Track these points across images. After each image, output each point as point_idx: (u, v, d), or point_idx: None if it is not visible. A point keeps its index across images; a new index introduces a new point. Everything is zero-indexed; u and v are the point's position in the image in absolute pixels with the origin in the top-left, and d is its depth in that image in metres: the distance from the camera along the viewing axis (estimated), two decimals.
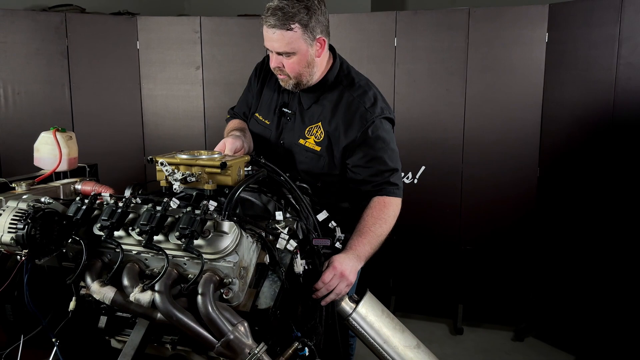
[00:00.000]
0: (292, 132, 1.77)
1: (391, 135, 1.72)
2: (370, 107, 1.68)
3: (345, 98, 1.70)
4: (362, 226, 1.65)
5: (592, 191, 2.79)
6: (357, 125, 1.66)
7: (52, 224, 1.20)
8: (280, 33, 1.57)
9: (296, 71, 1.65)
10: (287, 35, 1.57)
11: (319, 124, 1.71)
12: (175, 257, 1.21)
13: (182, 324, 1.16)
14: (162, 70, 3.34)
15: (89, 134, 3.12)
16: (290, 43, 1.58)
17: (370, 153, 1.67)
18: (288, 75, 1.66)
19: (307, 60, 1.64)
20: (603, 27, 2.68)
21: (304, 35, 1.58)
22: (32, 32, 3.09)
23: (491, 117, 3.07)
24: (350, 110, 1.68)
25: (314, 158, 1.72)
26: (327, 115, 1.70)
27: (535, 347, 3.06)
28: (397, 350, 1.54)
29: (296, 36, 1.57)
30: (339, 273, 1.49)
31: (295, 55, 1.61)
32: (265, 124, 1.83)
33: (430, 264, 3.30)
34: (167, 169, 1.34)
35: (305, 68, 1.65)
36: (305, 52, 1.61)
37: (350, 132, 1.66)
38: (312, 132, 1.72)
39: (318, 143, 1.71)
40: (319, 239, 1.42)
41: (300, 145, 1.74)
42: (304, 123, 1.74)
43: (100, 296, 1.20)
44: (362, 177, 1.69)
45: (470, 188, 3.15)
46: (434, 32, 3.07)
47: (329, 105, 1.71)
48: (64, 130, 1.80)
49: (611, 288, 2.74)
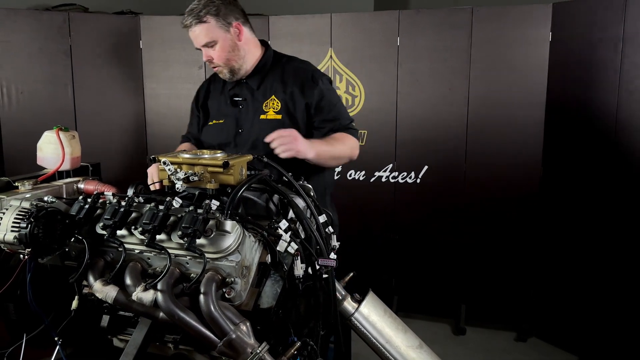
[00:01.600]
0: (248, 115, 1.91)
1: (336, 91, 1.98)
2: (314, 69, 1.95)
3: (290, 68, 1.93)
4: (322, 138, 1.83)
5: (596, 191, 2.79)
6: (311, 85, 1.87)
7: (55, 223, 1.20)
8: (197, 27, 1.80)
9: (224, 57, 1.85)
10: (202, 27, 1.80)
11: (273, 97, 1.89)
12: (178, 256, 1.21)
13: (184, 323, 1.16)
14: (165, 69, 3.34)
15: (91, 133, 3.13)
16: (208, 33, 1.81)
17: (330, 107, 1.88)
18: (220, 64, 1.86)
19: (230, 45, 1.84)
20: (607, 26, 2.67)
21: (217, 23, 1.81)
22: (35, 31, 3.10)
23: (494, 117, 3.06)
24: (299, 75, 1.90)
25: (278, 126, 1.82)
26: (278, 86, 1.89)
27: (538, 347, 3.05)
28: (399, 351, 1.53)
29: (211, 26, 1.81)
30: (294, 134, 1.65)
31: (217, 43, 1.83)
32: (220, 124, 1.96)
33: (433, 264, 3.29)
34: (169, 168, 1.34)
35: (230, 53, 1.85)
36: (224, 38, 1.83)
37: (307, 92, 1.87)
38: (269, 105, 1.89)
39: (277, 112, 1.87)
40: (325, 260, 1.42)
41: (262, 120, 1.88)
42: (259, 101, 1.91)
43: (103, 295, 1.20)
44: (329, 128, 1.87)
45: (473, 188, 3.14)
46: (436, 32, 3.07)
47: (277, 78, 1.91)
48: (67, 129, 1.80)
49: (614, 288, 2.73)
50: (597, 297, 2.81)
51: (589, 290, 2.85)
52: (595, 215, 2.79)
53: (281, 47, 3.28)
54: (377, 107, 3.20)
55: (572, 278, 2.94)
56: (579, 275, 2.90)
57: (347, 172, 3.30)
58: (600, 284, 2.79)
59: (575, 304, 2.93)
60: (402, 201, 3.26)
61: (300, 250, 1.34)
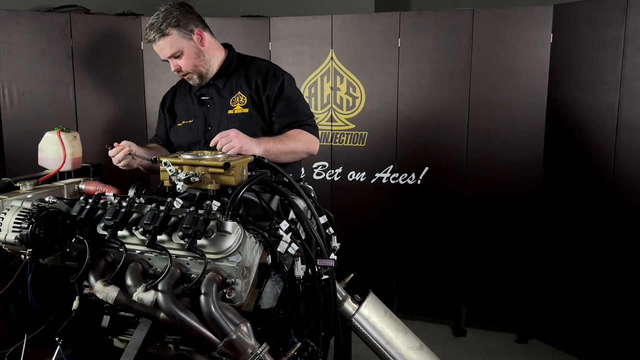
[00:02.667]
0: (216, 113, 1.97)
1: (297, 88, 2.04)
2: (277, 67, 2.02)
3: (254, 66, 2.00)
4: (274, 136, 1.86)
5: (596, 192, 2.78)
6: (272, 79, 1.95)
7: (56, 224, 1.20)
8: (161, 41, 1.86)
9: (191, 65, 1.92)
10: (166, 40, 1.86)
11: (239, 92, 1.96)
12: (179, 257, 1.22)
13: (184, 323, 1.16)
14: (166, 70, 3.31)
15: (93, 134, 3.13)
16: (173, 45, 1.87)
17: (288, 103, 1.94)
18: (189, 71, 1.93)
19: (194, 52, 1.91)
20: (608, 27, 2.67)
21: (180, 33, 1.87)
22: (36, 32, 3.10)
23: (495, 118, 3.06)
24: (262, 72, 1.97)
25: (246, 120, 1.92)
26: (243, 83, 1.97)
27: (539, 349, 3.05)
28: (399, 352, 1.54)
29: (174, 37, 1.87)
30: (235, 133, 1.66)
31: (183, 53, 1.89)
32: (189, 124, 2.02)
33: (433, 265, 3.29)
34: (170, 169, 1.35)
35: (196, 59, 1.92)
36: (188, 46, 1.90)
37: (268, 86, 1.94)
38: (236, 100, 1.96)
39: (244, 106, 1.95)
40: (324, 260, 1.42)
41: (230, 115, 1.94)
42: (225, 98, 1.97)
43: (104, 295, 1.20)
44: (285, 123, 1.93)
45: (474, 189, 3.14)
46: (437, 33, 3.07)
47: (242, 76, 1.98)
48: (68, 130, 1.81)
49: (615, 290, 2.73)
50: (597, 299, 2.80)
51: (590, 292, 2.84)
52: (595, 217, 2.79)
53: (282, 49, 3.31)
54: (377, 108, 3.20)
55: (572, 279, 2.94)
56: (579, 276, 2.90)
57: (348, 173, 3.30)
58: (600, 285, 2.79)
59: (576, 306, 2.92)
60: (402, 202, 3.26)
61: (300, 251, 1.34)
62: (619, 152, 2.68)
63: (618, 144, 2.68)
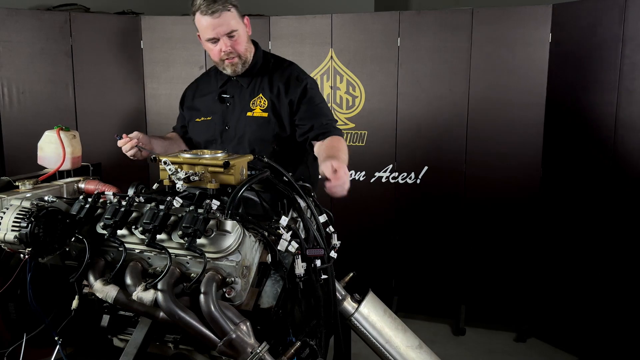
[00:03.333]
0: (235, 112, 1.95)
1: (320, 92, 2.01)
2: (301, 72, 1.99)
3: (278, 68, 1.98)
4: (328, 152, 1.77)
5: (595, 192, 2.78)
6: (294, 85, 1.92)
7: (56, 223, 1.20)
8: (224, 15, 1.79)
9: (243, 48, 1.87)
10: (228, 15, 1.80)
11: (260, 95, 1.93)
12: (178, 256, 1.22)
13: (184, 322, 1.16)
14: (165, 69, 3.35)
15: (92, 133, 3.13)
16: (231, 22, 1.81)
17: (311, 107, 1.91)
18: (238, 55, 1.87)
19: (246, 36, 1.89)
20: (607, 27, 2.67)
21: (237, 14, 1.84)
22: (36, 31, 3.10)
23: (494, 118, 3.06)
24: (285, 75, 1.95)
25: (264, 124, 1.90)
26: (266, 86, 1.94)
27: (538, 348, 3.05)
28: (399, 351, 1.54)
29: (234, 15, 1.82)
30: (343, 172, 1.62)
31: (237, 32, 1.84)
32: (208, 121, 2.00)
33: (433, 264, 3.29)
34: (170, 168, 1.34)
35: (247, 43, 1.90)
36: (243, 29, 1.88)
37: (290, 91, 1.91)
38: (256, 103, 1.93)
39: (264, 110, 1.91)
40: (313, 249, 1.41)
41: (249, 117, 1.92)
42: (246, 99, 1.94)
43: (103, 295, 1.20)
44: (309, 126, 1.90)
45: (473, 188, 3.14)
46: (437, 33, 3.07)
47: (264, 79, 1.95)
48: (67, 129, 1.81)
49: (614, 289, 2.73)
50: (597, 298, 2.81)
51: (589, 291, 2.85)
52: (595, 216, 2.79)
53: (282, 48, 3.31)
54: (377, 108, 3.20)
55: (572, 278, 2.94)
56: (578, 275, 2.90)
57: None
58: (600, 284, 2.79)
59: (575, 305, 2.93)
60: (402, 202, 3.26)
61: (302, 244, 1.34)
62: (617, 151, 2.68)
63: (617, 143, 2.68)
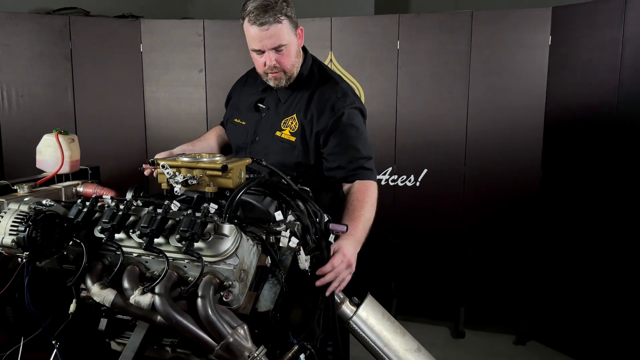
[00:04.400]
0: (266, 127, 1.81)
1: (362, 125, 1.78)
2: (341, 97, 1.74)
3: (319, 90, 1.76)
4: (352, 211, 1.65)
5: (595, 194, 2.78)
6: (329, 113, 1.71)
7: (53, 227, 1.20)
8: (273, 28, 1.61)
9: (289, 63, 1.70)
10: (278, 28, 1.62)
11: (294, 116, 1.76)
12: (176, 260, 1.21)
13: (181, 326, 1.16)
14: (165, 73, 3.35)
15: (91, 136, 3.13)
16: (281, 36, 1.63)
17: (343, 141, 1.71)
18: (283, 70, 1.70)
19: (296, 50, 1.71)
20: (606, 29, 2.68)
21: (290, 25, 1.65)
22: (36, 34, 3.10)
23: (494, 120, 3.07)
24: (322, 99, 1.74)
25: (288, 149, 1.75)
26: (302, 107, 1.75)
27: (537, 350, 3.05)
28: (397, 354, 1.53)
29: (285, 28, 1.64)
30: (347, 260, 1.45)
31: (286, 47, 1.66)
32: (241, 126, 1.88)
33: (432, 267, 3.29)
34: (168, 172, 1.34)
35: (295, 59, 1.72)
36: (293, 42, 1.69)
37: (322, 120, 1.72)
38: (288, 123, 1.77)
39: (293, 134, 1.75)
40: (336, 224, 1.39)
41: (276, 137, 1.77)
42: (279, 116, 1.79)
43: (101, 298, 1.20)
44: (337, 164, 1.73)
45: (473, 191, 3.14)
46: (436, 35, 3.07)
47: (304, 97, 1.77)
48: (66, 132, 1.81)
49: (613, 291, 2.73)
50: (596, 300, 2.80)
51: (589, 294, 2.84)
52: (594, 219, 2.79)
53: None
54: (377, 110, 3.21)
55: (571, 281, 2.93)
56: (578, 278, 2.89)
57: None
58: (599, 287, 2.78)
59: (575, 307, 2.92)
60: (401, 204, 3.26)
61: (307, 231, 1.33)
62: (617, 154, 2.68)
63: (616, 146, 2.68)
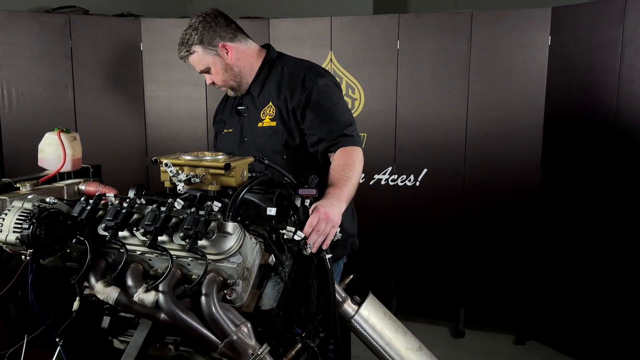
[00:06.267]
0: (250, 124, 1.91)
1: (336, 95, 1.85)
2: (309, 72, 1.85)
3: (287, 71, 1.88)
4: (332, 176, 1.66)
5: (595, 195, 2.79)
6: (300, 89, 1.81)
7: (57, 224, 1.20)
8: (191, 58, 1.85)
9: (221, 79, 1.88)
10: (193, 57, 1.84)
11: (270, 103, 1.87)
12: (179, 258, 1.22)
13: (185, 324, 1.16)
14: (165, 72, 3.35)
15: (92, 135, 3.12)
16: (200, 62, 1.84)
17: (319, 113, 1.78)
18: (220, 85, 1.90)
19: (221, 67, 1.85)
20: (606, 30, 2.68)
21: (204, 50, 1.82)
22: (36, 33, 3.10)
23: (494, 120, 3.07)
24: (292, 78, 1.85)
25: (272, 134, 1.84)
26: (274, 92, 1.86)
27: (537, 350, 3.05)
28: (399, 353, 1.53)
29: (199, 54, 1.83)
30: (324, 215, 1.42)
31: (212, 68, 1.85)
32: (230, 133, 1.97)
33: (432, 266, 3.29)
34: (171, 170, 1.35)
35: (225, 74, 1.87)
36: (214, 62, 1.84)
37: (295, 97, 1.81)
38: (266, 112, 1.87)
39: (272, 119, 1.86)
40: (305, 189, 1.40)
41: (259, 128, 1.87)
42: (258, 109, 1.89)
43: (104, 296, 1.20)
44: (318, 137, 1.78)
45: (473, 191, 3.15)
46: (436, 35, 3.08)
47: (275, 83, 1.88)
48: (68, 131, 1.81)
49: (614, 291, 2.73)
50: (596, 300, 2.81)
51: (589, 294, 2.85)
52: (595, 219, 2.80)
53: (281, 50, 3.31)
54: (376, 110, 3.21)
55: (571, 281, 2.94)
56: (578, 278, 2.90)
57: None
58: (599, 287, 2.79)
59: (575, 307, 2.93)
60: (401, 204, 3.27)
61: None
62: (617, 154, 2.69)
63: (616, 146, 2.69)
